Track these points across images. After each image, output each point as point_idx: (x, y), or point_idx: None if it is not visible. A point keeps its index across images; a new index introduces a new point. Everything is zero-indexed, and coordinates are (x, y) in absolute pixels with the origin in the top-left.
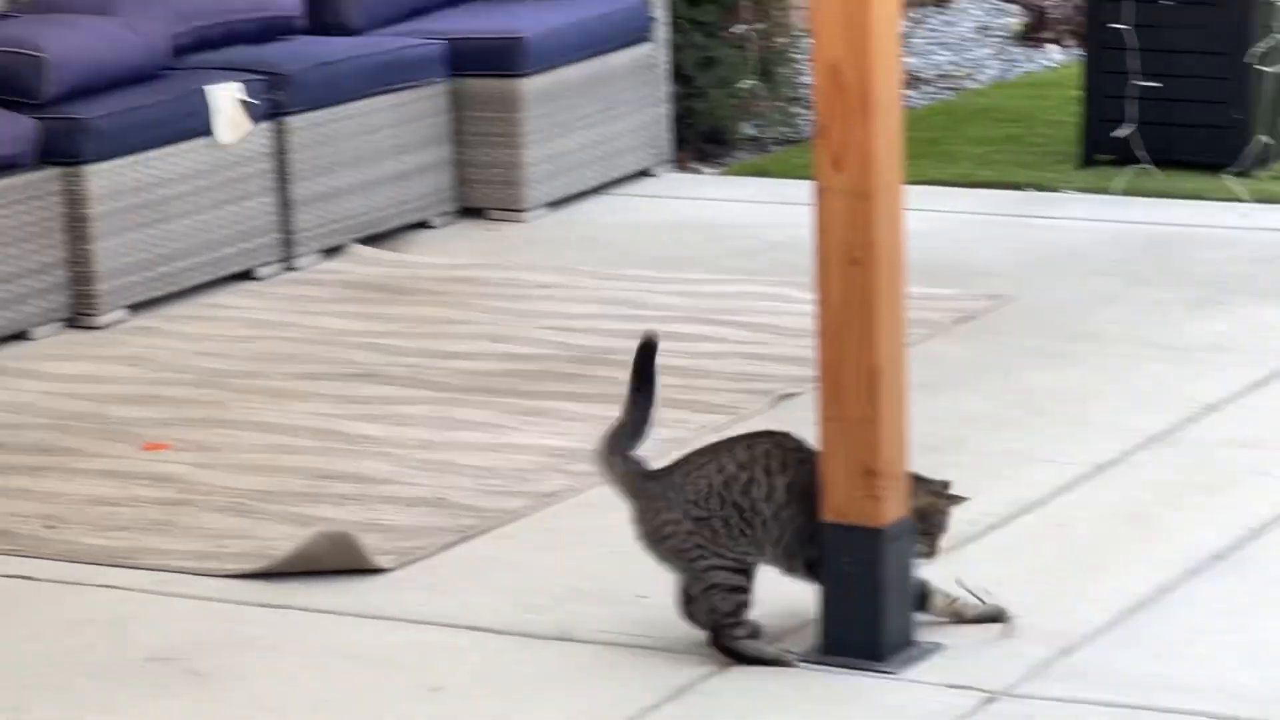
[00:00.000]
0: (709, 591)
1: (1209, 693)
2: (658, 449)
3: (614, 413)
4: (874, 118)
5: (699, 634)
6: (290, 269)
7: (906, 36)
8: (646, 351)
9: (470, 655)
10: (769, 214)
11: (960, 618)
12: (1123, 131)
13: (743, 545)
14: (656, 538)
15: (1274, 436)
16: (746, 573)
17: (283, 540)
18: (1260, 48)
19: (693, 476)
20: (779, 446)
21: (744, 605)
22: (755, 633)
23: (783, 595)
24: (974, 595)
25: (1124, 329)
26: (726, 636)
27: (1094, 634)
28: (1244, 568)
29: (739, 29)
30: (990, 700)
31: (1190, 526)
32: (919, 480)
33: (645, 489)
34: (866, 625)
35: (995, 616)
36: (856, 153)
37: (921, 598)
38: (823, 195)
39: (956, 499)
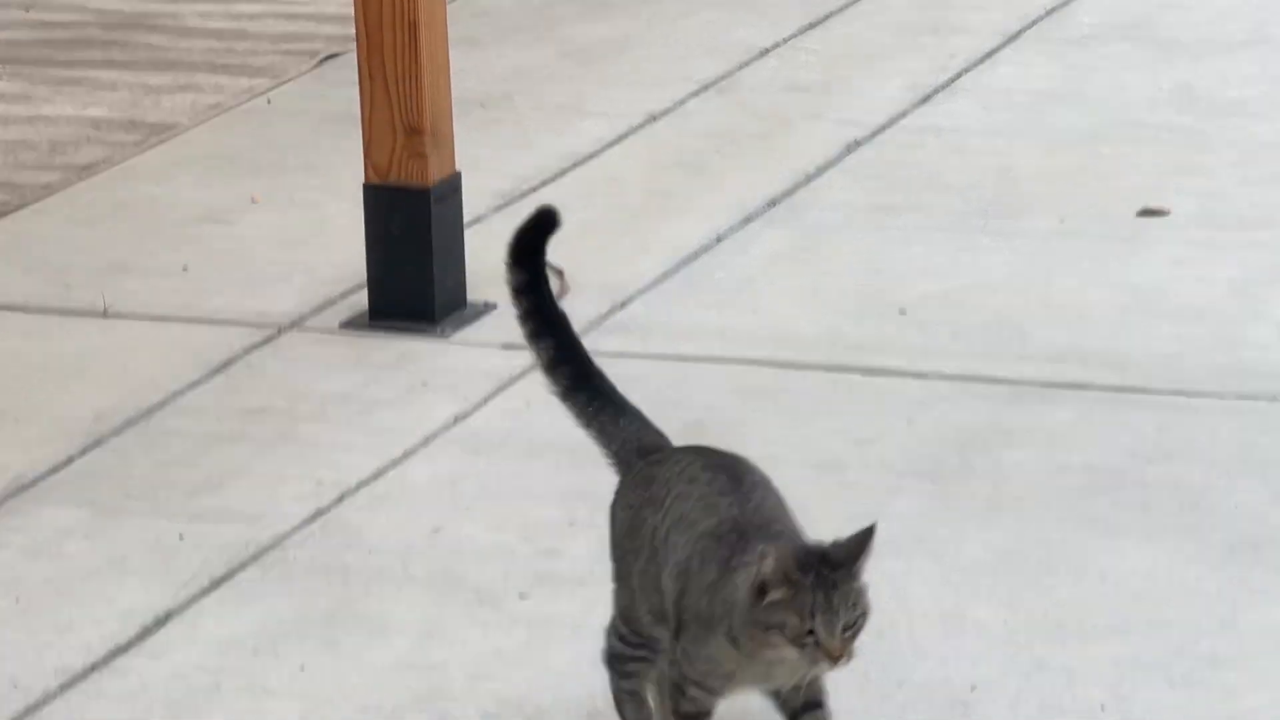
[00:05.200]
0: None
1: (763, 340)
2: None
3: (155, 80)
4: None
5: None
6: None
7: None
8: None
9: (9, 336)
10: None
11: None
12: None
13: None
14: None
15: (828, 79)
16: None
17: None
18: None
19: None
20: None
21: None
22: None
23: None
24: (552, 267)
25: None
26: None
27: (648, 286)
28: (798, 214)
29: None
30: None
31: (744, 173)
32: None
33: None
34: (417, 288)
35: None
36: None
37: None
38: None
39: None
